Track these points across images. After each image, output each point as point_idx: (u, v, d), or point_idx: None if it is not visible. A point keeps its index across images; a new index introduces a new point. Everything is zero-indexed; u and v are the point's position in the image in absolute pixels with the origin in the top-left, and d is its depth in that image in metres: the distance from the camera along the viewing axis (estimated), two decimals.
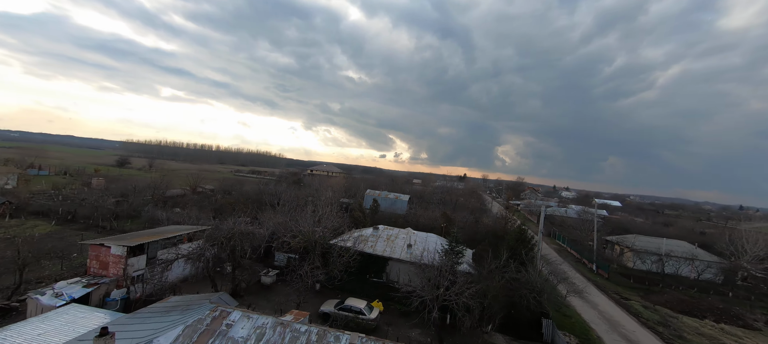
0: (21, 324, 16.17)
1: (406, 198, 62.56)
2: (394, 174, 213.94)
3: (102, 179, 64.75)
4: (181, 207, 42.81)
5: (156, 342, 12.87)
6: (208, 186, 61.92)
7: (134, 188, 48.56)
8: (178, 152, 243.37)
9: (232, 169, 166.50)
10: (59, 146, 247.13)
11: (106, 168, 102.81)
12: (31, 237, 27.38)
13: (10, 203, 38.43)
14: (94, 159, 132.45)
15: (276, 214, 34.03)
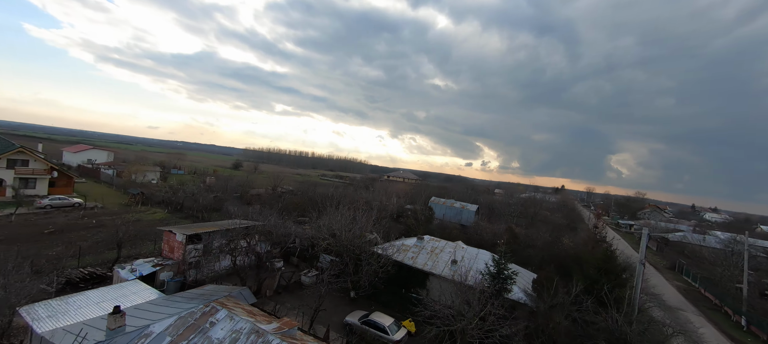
0: (97, 290, 19.48)
1: (474, 208, 56.87)
2: (478, 183, 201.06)
3: (213, 178, 78.55)
4: (259, 204, 47.78)
5: (152, 328, 13.50)
6: (287, 187, 68.69)
7: (226, 186, 57.08)
8: (281, 158, 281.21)
9: (320, 173, 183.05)
10: (201, 152, 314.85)
11: (223, 169, 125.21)
12: (127, 221, 34.11)
13: (143, 194, 49.58)
14: (219, 162, 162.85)
15: (326, 216, 34.63)
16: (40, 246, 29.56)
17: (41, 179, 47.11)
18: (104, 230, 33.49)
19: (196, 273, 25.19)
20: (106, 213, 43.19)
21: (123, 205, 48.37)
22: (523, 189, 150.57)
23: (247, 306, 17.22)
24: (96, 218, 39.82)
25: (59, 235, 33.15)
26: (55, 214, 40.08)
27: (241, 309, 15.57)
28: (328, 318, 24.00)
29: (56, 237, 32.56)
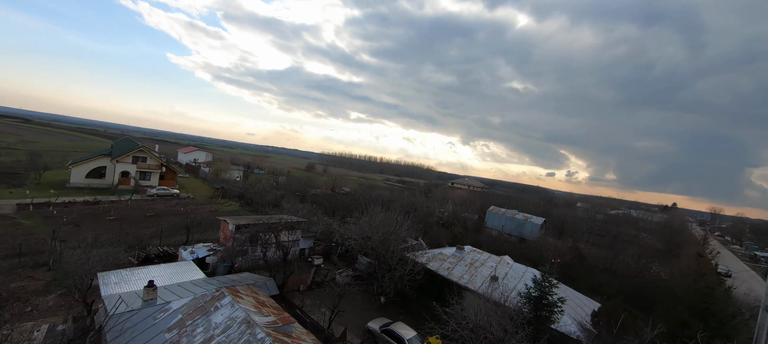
0: (160, 265, 22.61)
1: (539, 222, 50.02)
2: (559, 195, 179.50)
3: (284, 178, 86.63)
4: (314, 203, 50.54)
5: (171, 304, 14.85)
6: (345, 188, 71.48)
7: (290, 184, 62.10)
8: (352, 162, 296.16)
9: (385, 177, 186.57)
10: (284, 156, 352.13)
11: (297, 171, 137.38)
12: (194, 209, 39.25)
13: (223, 188, 57.26)
14: (296, 165, 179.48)
15: (365, 216, 34.56)
16: (140, 226, 36.23)
17: (154, 173, 58.25)
18: (187, 216, 39.38)
19: (242, 260, 27.46)
20: (194, 202, 50.96)
21: (208, 197, 56.52)
22: (616, 204, 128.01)
23: (263, 296, 17.82)
24: (185, 206, 47.25)
25: (155, 218, 40.17)
26: (159, 201, 48.91)
27: (252, 297, 16.13)
28: (353, 321, 23.52)
29: (153, 219, 39.54)
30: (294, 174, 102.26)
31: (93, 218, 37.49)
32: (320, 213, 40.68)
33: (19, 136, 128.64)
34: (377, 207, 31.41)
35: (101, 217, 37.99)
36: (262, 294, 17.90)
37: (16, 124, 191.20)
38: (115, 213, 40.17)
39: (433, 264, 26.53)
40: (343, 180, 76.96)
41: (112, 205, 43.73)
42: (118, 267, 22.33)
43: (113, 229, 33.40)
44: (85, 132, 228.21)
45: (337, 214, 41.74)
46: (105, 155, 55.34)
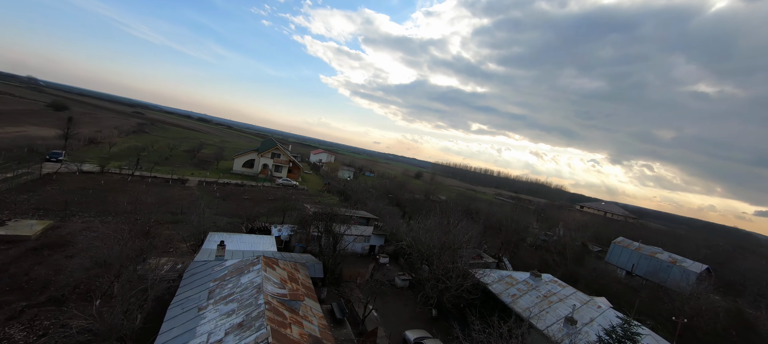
0: (253, 235, 27.76)
1: (697, 269, 34.71)
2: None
3: (387, 181, 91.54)
4: (399, 206, 51.57)
5: (226, 263, 18.00)
6: (441, 196, 69.51)
7: (385, 186, 65.08)
8: (466, 174, 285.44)
9: (497, 192, 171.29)
10: (400, 163, 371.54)
11: (406, 177, 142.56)
12: (300, 198, 45.33)
13: (329, 184, 65.25)
14: (406, 171, 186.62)
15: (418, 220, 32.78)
16: (260, 205, 45.39)
17: (284, 167, 71.89)
18: (286, 201, 46.77)
19: (314, 242, 30.56)
20: (306, 193, 60.04)
21: (318, 190, 65.51)
22: None
23: (303, 274, 19.35)
24: (297, 195, 56.27)
25: (274, 202, 49.45)
26: (281, 189, 60.01)
27: (286, 272, 17.78)
28: (395, 325, 22.65)
29: (272, 202, 48.83)
30: (400, 179, 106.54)
31: (235, 195, 49.35)
32: (398, 216, 41.03)
33: (221, 137, 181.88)
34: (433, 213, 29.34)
35: (239, 195, 49.55)
36: (301, 273, 19.49)
37: (222, 129, 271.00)
38: (249, 194, 51.62)
39: (497, 286, 22.66)
40: (442, 189, 75.11)
41: (250, 188, 56.41)
42: (229, 231, 28.81)
43: (242, 205, 43.13)
44: (261, 135, 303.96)
45: (413, 218, 41.07)
46: (254, 151, 71.95)
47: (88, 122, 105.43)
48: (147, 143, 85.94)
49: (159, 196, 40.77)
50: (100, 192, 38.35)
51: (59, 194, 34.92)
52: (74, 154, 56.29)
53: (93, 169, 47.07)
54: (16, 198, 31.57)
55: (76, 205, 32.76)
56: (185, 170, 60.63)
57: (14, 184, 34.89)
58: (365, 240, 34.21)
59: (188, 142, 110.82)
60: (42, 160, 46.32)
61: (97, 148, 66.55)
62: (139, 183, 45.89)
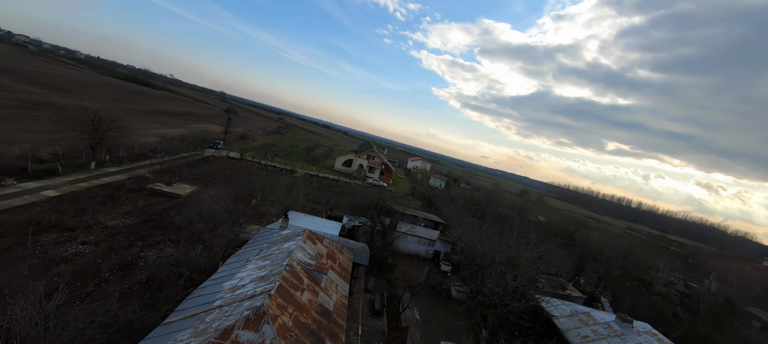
0: (325, 219, 30.95)
1: None
2: None
3: (480, 194, 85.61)
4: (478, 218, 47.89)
5: (282, 233, 20.67)
6: (540, 217, 60.14)
7: (474, 198, 60.98)
8: (591, 201, 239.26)
9: (628, 225, 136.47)
10: (509, 181, 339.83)
11: (509, 195, 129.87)
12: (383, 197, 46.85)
13: (414, 188, 65.67)
14: (510, 188, 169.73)
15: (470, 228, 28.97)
16: (344, 198, 49.70)
17: (377, 169, 76.46)
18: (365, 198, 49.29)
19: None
20: (391, 194, 62.33)
21: (404, 194, 66.91)
22: None
23: (344, 256, 20.36)
24: (381, 194, 58.95)
25: (357, 197, 53.26)
26: (369, 188, 63.99)
27: (326, 248, 19.12)
28: (437, 334, 21.13)
29: (355, 198, 52.70)
30: (494, 192, 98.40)
31: (327, 188, 55.50)
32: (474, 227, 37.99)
33: (336, 140, 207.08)
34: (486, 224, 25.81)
35: (331, 188, 55.43)
36: (344, 255, 20.54)
37: (340, 134, 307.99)
38: (340, 188, 57.15)
39: (566, 321, 18.36)
40: (545, 210, 65.27)
41: (342, 184, 62.36)
42: (309, 213, 32.96)
43: (331, 195, 48.21)
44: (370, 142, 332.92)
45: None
46: (353, 152, 79.19)
47: (245, 123, 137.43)
48: (278, 141, 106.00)
49: (270, 180, 49.70)
50: (233, 172, 49.52)
51: (209, 170, 46.89)
52: (229, 144, 74.52)
53: (235, 156, 61.16)
54: (184, 170, 44.17)
55: (216, 179, 43.30)
56: (297, 163, 71.92)
57: (186, 161, 48.83)
58: (430, 244, 33.10)
59: (308, 142, 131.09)
60: (207, 146, 63.32)
61: (245, 142, 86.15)
62: (262, 169, 57.00)
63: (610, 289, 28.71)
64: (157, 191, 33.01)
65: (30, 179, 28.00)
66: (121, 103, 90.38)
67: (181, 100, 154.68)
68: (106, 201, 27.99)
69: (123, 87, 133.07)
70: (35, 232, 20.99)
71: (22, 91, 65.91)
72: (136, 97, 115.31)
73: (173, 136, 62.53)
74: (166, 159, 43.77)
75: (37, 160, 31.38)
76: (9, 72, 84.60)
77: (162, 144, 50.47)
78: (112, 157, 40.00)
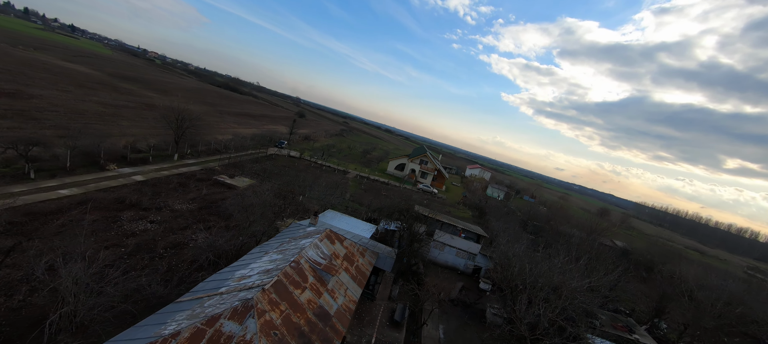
0: (359, 221, 30.98)
1: None
2: None
3: (544, 208, 76.73)
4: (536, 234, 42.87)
5: (306, 229, 21.03)
6: (617, 242, 50.65)
7: (534, 211, 54.72)
8: (696, 228, 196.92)
9: (754, 265, 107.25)
10: (586, 197, 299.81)
11: (583, 213, 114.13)
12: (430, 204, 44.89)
13: (466, 197, 61.81)
14: (587, 205, 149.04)
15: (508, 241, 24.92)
16: (389, 201, 49.24)
17: (429, 174, 74.43)
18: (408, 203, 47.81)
19: None
20: (440, 201, 59.87)
21: (455, 202, 63.69)
22: None
23: (365, 260, 19.73)
24: (430, 200, 56.95)
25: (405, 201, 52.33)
26: (419, 194, 62.50)
27: (344, 249, 18.75)
28: None
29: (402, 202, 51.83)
30: (561, 207, 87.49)
31: (376, 190, 55.81)
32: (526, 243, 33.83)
33: (396, 145, 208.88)
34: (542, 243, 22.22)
35: (380, 191, 55.56)
36: (364, 258, 19.93)
37: (401, 139, 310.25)
38: (388, 192, 56.98)
39: None
40: (626, 235, 55.22)
41: (392, 187, 62.10)
42: (348, 213, 33.43)
43: (377, 198, 48.29)
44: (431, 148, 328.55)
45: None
46: (406, 156, 78.52)
47: (312, 125, 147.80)
48: (338, 143, 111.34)
49: (321, 178, 52.02)
50: (290, 169, 53.15)
51: (270, 166, 51.17)
52: (293, 144, 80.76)
53: (295, 155, 65.79)
54: (248, 165, 49.00)
55: (273, 174, 46.98)
56: (351, 164, 74.19)
57: (252, 157, 54.12)
58: (470, 258, 30.43)
59: (366, 145, 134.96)
60: (273, 145, 69.51)
61: (308, 142, 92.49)
62: (317, 168, 60.12)
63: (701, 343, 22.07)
64: (221, 182, 37.06)
65: (128, 165, 34.00)
66: (214, 106, 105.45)
67: (262, 104, 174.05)
68: (178, 188, 32.39)
69: (217, 92, 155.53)
70: (119, 209, 25.24)
71: (142, 95, 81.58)
72: (226, 100, 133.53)
73: (245, 135, 70.16)
74: (234, 155, 49.14)
75: (136, 151, 38.06)
76: (136, 80, 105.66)
77: (234, 141, 56.94)
78: (193, 151, 46.43)
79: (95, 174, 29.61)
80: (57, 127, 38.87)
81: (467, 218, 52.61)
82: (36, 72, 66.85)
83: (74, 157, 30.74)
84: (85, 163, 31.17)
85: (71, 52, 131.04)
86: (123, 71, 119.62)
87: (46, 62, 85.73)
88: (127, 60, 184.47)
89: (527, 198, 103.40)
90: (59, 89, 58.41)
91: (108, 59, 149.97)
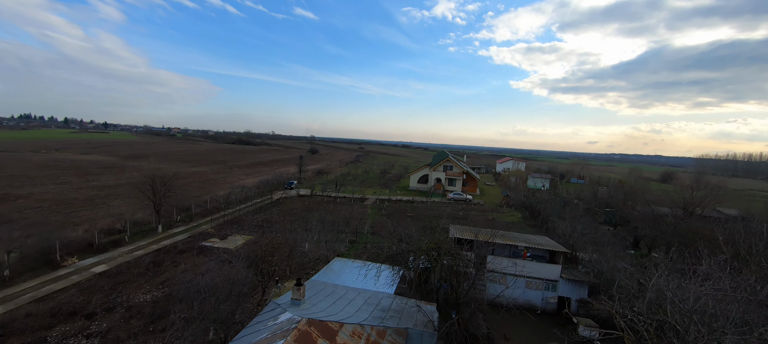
0: (377, 266, 22.20)
1: None
2: None
3: (605, 188, 63.65)
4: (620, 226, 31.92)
5: (278, 319, 12.63)
6: (727, 210, 37.56)
7: (595, 196, 42.85)
8: (753, 168, 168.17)
9: None
10: (637, 164, 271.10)
11: (640, 181, 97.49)
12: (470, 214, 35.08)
13: (508, 196, 51.03)
14: (645, 174, 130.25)
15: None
16: (418, 223, 39.95)
17: (458, 179, 64.48)
18: (454, 220, 38.33)
19: None
20: (479, 209, 49.64)
21: (495, 205, 53.08)
22: None
23: None
24: (466, 212, 46.97)
25: (435, 218, 42.84)
26: (450, 205, 52.68)
27: None
28: None
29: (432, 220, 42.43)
30: (629, 184, 73.43)
31: (400, 212, 46.84)
32: (621, 247, 23.26)
33: (415, 158, 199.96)
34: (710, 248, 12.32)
35: (404, 213, 46.55)
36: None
37: (419, 151, 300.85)
38: (415, 211, 47.77)
39: None
40: (726, 196, 42.03)
41: (418, 204, 52.83)
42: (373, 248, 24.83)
43: (402, 222, 39.34)
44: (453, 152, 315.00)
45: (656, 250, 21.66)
46: (427, 166, 69.34)
47: (326, 159, 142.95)
48: (353, 170, 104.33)
49: (335, 213, 43.94)
50: (300, 211, 45.65)
51: (275, 214, 44.02)
52: (304, 181, 74.40)
53: (306, 193, 58.75)
54: (249, 217, 42.10)
55: (277, 223, 39.57)
56: (369, 189, 66.04)
57: (256, 207, 47.40)
58: (548, 288, 20.33)
59: (383, 165, 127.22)
60: (283, 187, 63.22)
61: (322, 176, 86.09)
62: (330, 202, 52.44)
63: None
64: (208, 248, 29.95)
65: (94, 254, 27.76)
66: (224, 163, 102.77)
67: (275, 149, 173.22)
68: (149, 270, 25.40)
69: (230, 149, 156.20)
70: (49, 325, 18.20)
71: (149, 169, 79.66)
72: (238, 155, 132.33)
73: (250, 185, 64.58)
74: (231, 210, 42.61)
75: (113, 232, 32.11)
76: (148, 156, 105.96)
77: (234, 193, 50.94)
78: (185, 216, 40.32)
79: (40, 278, 23.25)
80: (32, 226, 34.23)
81: (517, 223, 42.07)
82: (44, 171, 66.00)
83: (24, 259, 24.84)
84: (37, 264, 25.10)
85: (93, 145, 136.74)
86: (139, 151, 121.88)
87: (61, 159, 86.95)
88: (147, 140, 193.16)
89: (575, 180, 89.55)
90: (58, 182, 55.93)
91: (127, 144, 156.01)
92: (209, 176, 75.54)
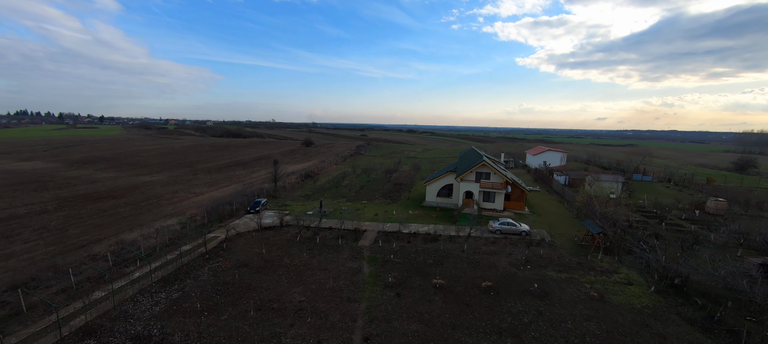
0: None
1: None
2: None
3: (723, 201, 41.58)
4: None
5: None
6: None
7: None
8: None
9: None
10: (657, 142, 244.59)
11: (722, 174, 74.76)
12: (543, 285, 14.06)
13: (605, 234, 29.29)
14: (699, 158, 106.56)
15: None
16: (466, 318, 18.99)
17: (498, 193, 43.04)
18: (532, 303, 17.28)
19: None
20: (553, 261, 28.31)
21: (576, 245, 31.70)
22: None
23: None
24: (537, 272, 25.80)
25: (494, 303, 21.81)
26: (501, 245, 31.49)
27: None
28: None
29: (490, 301, 21.42)
30: (725, 182, 51.61)
31: (417, 271, 25.87)
32: None
33: (424, 145, 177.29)
34: None
35: (429, 273, 25.53)
36: None
37: (426, 136, 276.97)
38: (443, 270, 26.62)
39: None
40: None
41: (443, 245, 31.68)
42: None
43: (423, 302, 18.40)
44: (461, 135, 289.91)
45: None
46: (451, 172, 47.68)
47: (322, 152, 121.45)
48: (352, 167, 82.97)
49: (303, 283, 23.22)
50: (242, 280, 24.96)
51: (199, 285, 23.44)
52: (283, 194, 53.74)
53: (274, 222, 38.01)
54: (152, 294, 21.42)
55: (192, 315, 19.01)
56: (369, 207, 45.14)
57: (170, 267, 26.47)
58: None
59: (389, 157, 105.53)
60: (245, 210, 42.52)
61: (309, 182, 65.25)
62: (305, 244, 31.72)
63: None
64: None
65: None
66: (191, 166, 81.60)
67: (265, 143, 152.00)
68: None
69: (211, 145, 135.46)
70: None
71: (81, 182, 59.33)
72: (216, 152, 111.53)
73: (207, 201, 43.96)
74: (101, 294, 21.94)
75: None
76: (104, 160, 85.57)
77: (151, 236, 30.44)
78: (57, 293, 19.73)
79: None
80: None
81: (647, 307, 21.00)
82: None
83: None
84: None
85: (53, 146, 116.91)
86: (99, 153, 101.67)
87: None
88: (130, 135, 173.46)
89: (639, 177, 67.15)
90: None
91: (101, 142, 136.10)
92: (156, 190, 55.13)
